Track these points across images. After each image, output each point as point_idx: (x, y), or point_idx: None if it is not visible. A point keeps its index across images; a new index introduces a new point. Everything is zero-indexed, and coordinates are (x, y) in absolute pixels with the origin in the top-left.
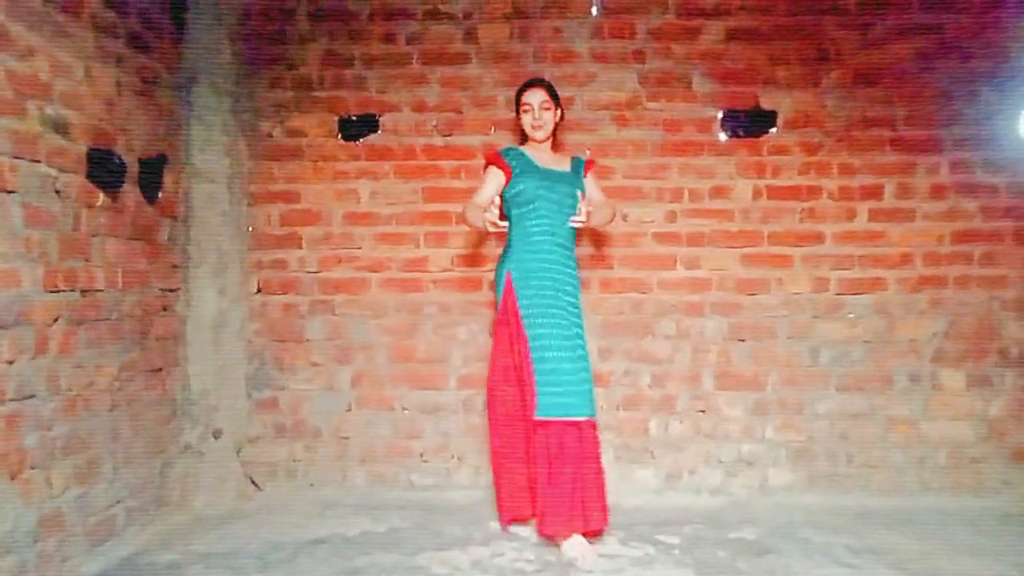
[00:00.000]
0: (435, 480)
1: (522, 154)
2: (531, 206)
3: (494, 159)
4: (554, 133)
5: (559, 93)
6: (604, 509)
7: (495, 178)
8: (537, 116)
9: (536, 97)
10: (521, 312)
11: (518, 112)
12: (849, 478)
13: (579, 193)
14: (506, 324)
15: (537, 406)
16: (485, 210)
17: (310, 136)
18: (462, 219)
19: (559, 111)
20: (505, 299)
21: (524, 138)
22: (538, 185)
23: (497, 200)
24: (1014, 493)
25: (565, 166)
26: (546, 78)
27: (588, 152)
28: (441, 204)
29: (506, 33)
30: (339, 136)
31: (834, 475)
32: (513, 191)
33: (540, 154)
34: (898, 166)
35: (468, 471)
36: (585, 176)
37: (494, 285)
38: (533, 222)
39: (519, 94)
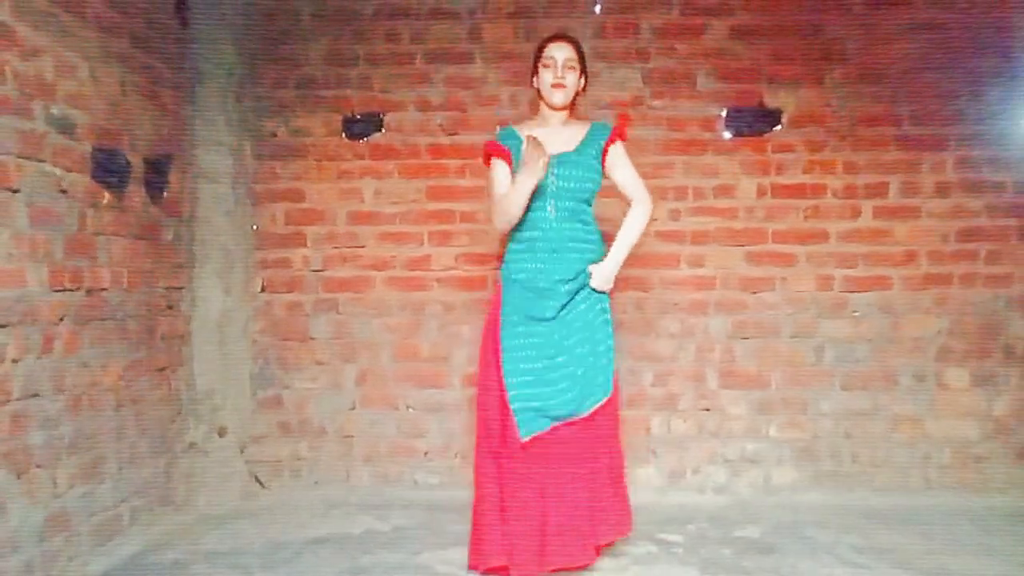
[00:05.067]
0: (439, 479)
1: (516, 136)
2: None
3: (493, 149)
4: (573, 103)
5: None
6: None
7: (502, 168)
8: (560, 74)
9: (562, 52)
10: (501, 320)
11: (535, 69)
12: (853, 477)
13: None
14: (487, 334)
15: (518, 425)
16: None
17: (314, 135)
18: (498, 227)
19: (584, 78)
20: (493, 308)
21: (537, 106)
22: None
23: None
24: (1019, 491)
25: (575, 141)
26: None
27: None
28: (445, 203)
29: (510, 31)
30: (343, 135)
31: (838, 474)
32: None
33: (543, 131)
34: (903, 164)
35: (472, 470)
36: (609, 147)
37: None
38: (524, 221)
39: (540, 48)
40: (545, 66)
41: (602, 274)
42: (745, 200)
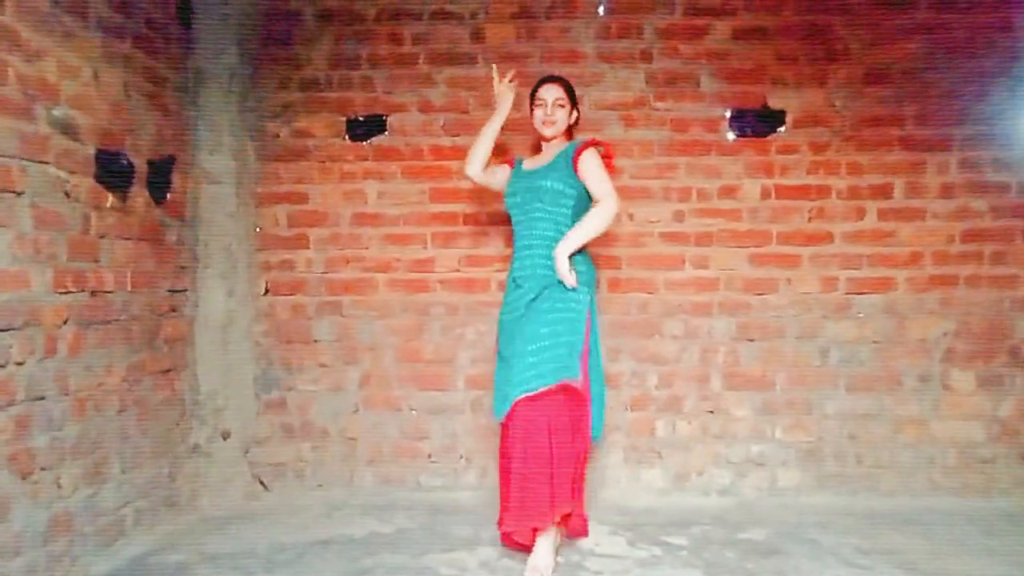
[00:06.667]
0: (442, 481)
1: (519, 165)
2: (509, 213)
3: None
4: (568, 134)
5: None
6: (552, 503)
7: (501, 168)
8: (549, 112)
9: (551, 93)
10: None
11: (532, 109)
12: (858, 479)
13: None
14: None
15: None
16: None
17: (317, 137)
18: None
19: (574, 112)
20: None
21: (538, 139)
22: (510, 191)
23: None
24: None
25: (551, 157)
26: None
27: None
28: (448, 205)
29: (513, 33)
30: (346, 137)
31: (843, 476)
32: None
33: (538, 156)
34: (907, 165)
35: (475, 472)
36: (576, 160)
37: None
38: (514, 230)
39: (534, 90)
40: (537, 105)
41: (555, 259)
42: (749, 201)
